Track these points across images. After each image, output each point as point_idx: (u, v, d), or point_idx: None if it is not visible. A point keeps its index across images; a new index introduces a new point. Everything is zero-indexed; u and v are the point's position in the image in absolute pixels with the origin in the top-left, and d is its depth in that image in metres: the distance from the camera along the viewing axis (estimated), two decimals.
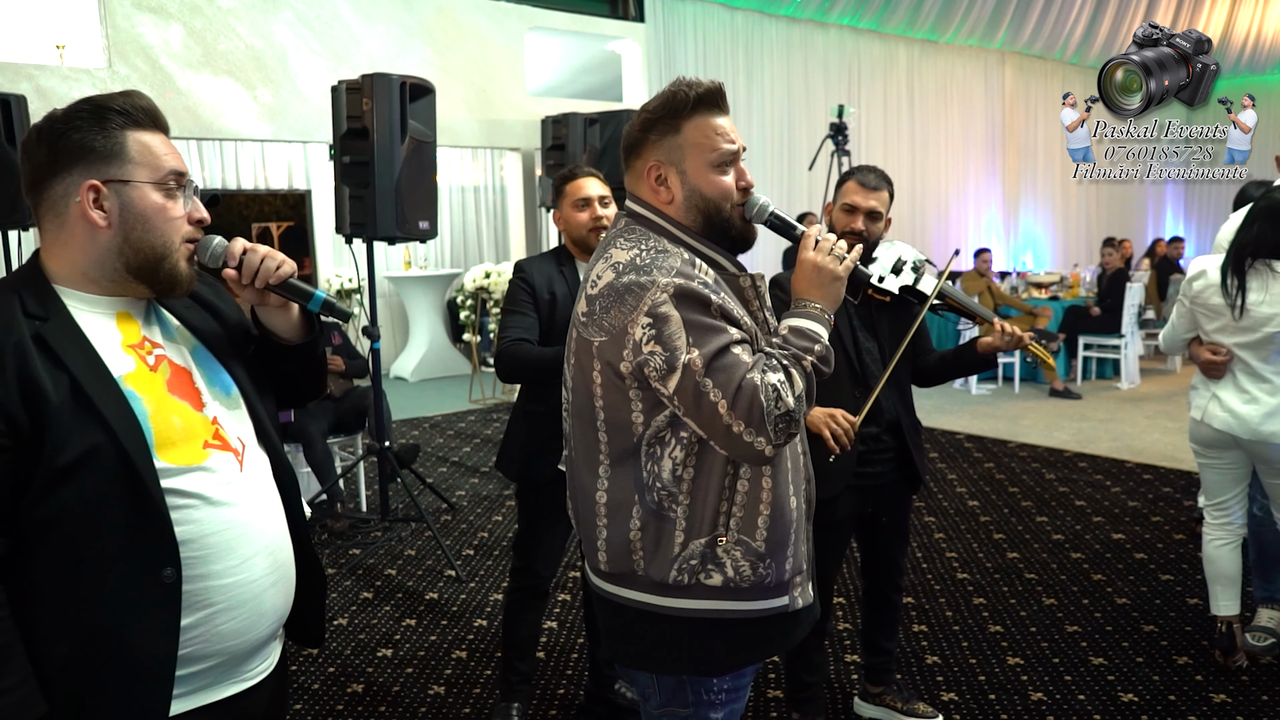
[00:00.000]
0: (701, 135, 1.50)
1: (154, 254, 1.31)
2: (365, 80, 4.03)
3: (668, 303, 1.39)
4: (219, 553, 1.31)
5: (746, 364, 1.39)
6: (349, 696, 3.01)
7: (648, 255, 1.45)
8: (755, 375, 1.38)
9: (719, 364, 1.38)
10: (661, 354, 1.38)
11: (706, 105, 1.51)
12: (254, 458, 1.40)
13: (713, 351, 1.38)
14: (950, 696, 2.90)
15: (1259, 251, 2.74)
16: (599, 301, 1.45)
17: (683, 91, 1.50)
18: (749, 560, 1.48)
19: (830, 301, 1.53)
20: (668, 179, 1.51)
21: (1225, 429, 2.81)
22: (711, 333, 1.40)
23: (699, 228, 1.53)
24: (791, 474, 1.54)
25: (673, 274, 1.41)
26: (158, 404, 1.29)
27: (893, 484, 2.54)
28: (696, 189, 1.51)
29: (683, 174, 1.51)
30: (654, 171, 1.52)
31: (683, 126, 1.50)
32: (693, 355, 1.37)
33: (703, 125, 1.50)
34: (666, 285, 1.40)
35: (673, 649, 1.54)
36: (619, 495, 1.50)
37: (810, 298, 1.52)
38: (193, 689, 1.31)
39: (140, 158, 1.30)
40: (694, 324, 1.39)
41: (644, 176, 1.53)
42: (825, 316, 1.51)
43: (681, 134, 1.50)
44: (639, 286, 1.41)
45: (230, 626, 1.32)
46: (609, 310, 1.43)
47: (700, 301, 1.41)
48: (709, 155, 1.50)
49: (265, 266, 1.37)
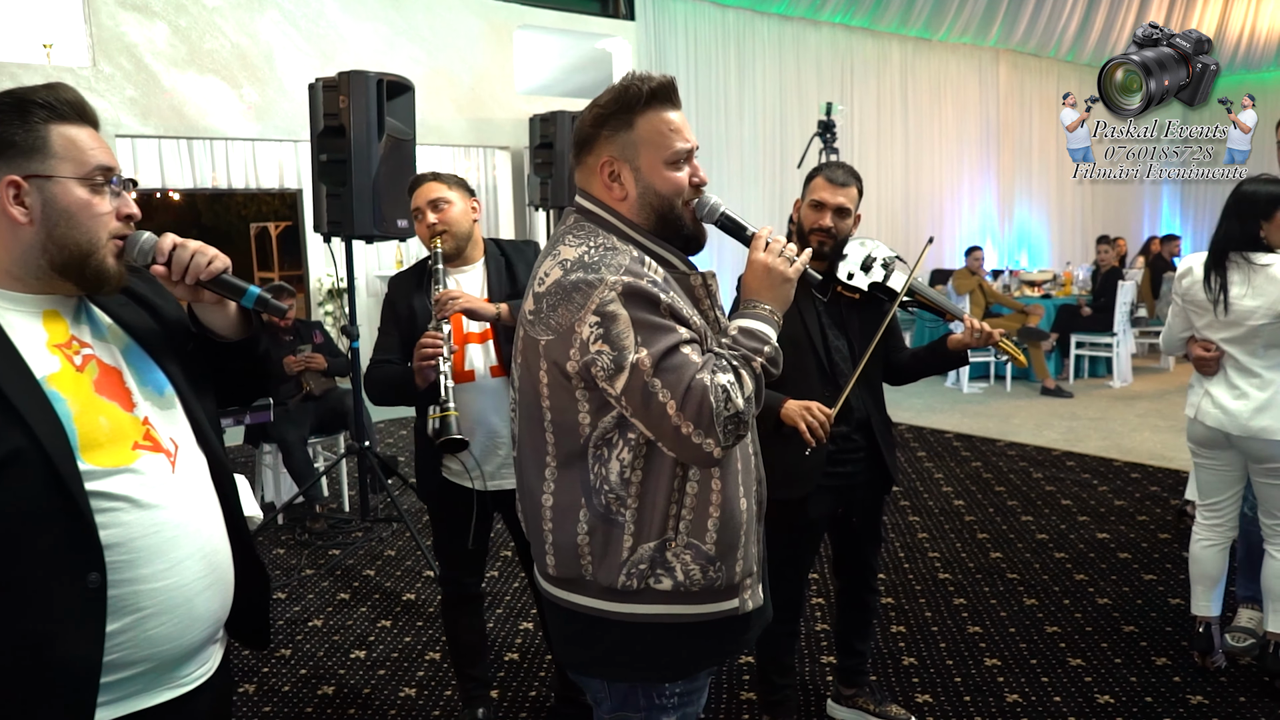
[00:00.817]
0: (655, 131, 1.47)
1: (79, 250, 1.28)
2: (342, 78, 4.00)
3: (616, 301, 1.36)
4: (148, 556, 1.28)
5: (696, 364, 1.36)
6: (319, 699, 2.98)
7: (596, 253, 1.42)
8: (705, 376, 1.35)
9: (668, 364, 1.35)
10: (609, 353, 1.36)
11: (660, 100, 1.48)
12: (188, 459, 1.37)
13: (661, 351, 1.36)
14: (925, 698, 2.87)
15: (1231, 245, 2.72)
16: (546, 300, 1.42)
17: (635, 86, 1.46)
18: (699, 564, 1.46)
19: (779, 303, 1.50)
20: (621, 175, 1.48)
21: (1217, 425, 2.79)
22: (660, 332, 1.37)
23: (651, 225, 1.50)
24: (742, 475, 1.52)
25: (621, 272, 1.38)
26: (83, 405, 1.26)
27: (864, 484, 2.51)
28: (650, 185, 1.48)
29: (636, 170, 1.48)
30: (607, 168, 1.48)
31: (636, 122, 1.47)
32: (641, 355, 1.35)
33: (656, 121, 1.47)
34: (615, 283, 1.37)
35: (624, 655, 1.52)
36: (566, 498, 1.48)
37: (760, 299, 1.50)
38: (121, 695, 1.28)
39: (64, 152, 1.27)
40: (642, 323, 1.36)
41: (596, 172, 1.50)
42: (775, 318, 1.49)
43: (635, 129, 1.47)
44: (587, 284, 1.38)
45: (161, 631, 1.29)
46: (556, 308, 1.40)
47: (649, 300, 1.38)
48: (663, 151, 1.47)
49: (195, 262, 1.34)
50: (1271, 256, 2.68)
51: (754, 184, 9.46)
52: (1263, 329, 2.68)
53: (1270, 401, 2.69)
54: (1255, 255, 2.70)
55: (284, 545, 4.40)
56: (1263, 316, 2.67)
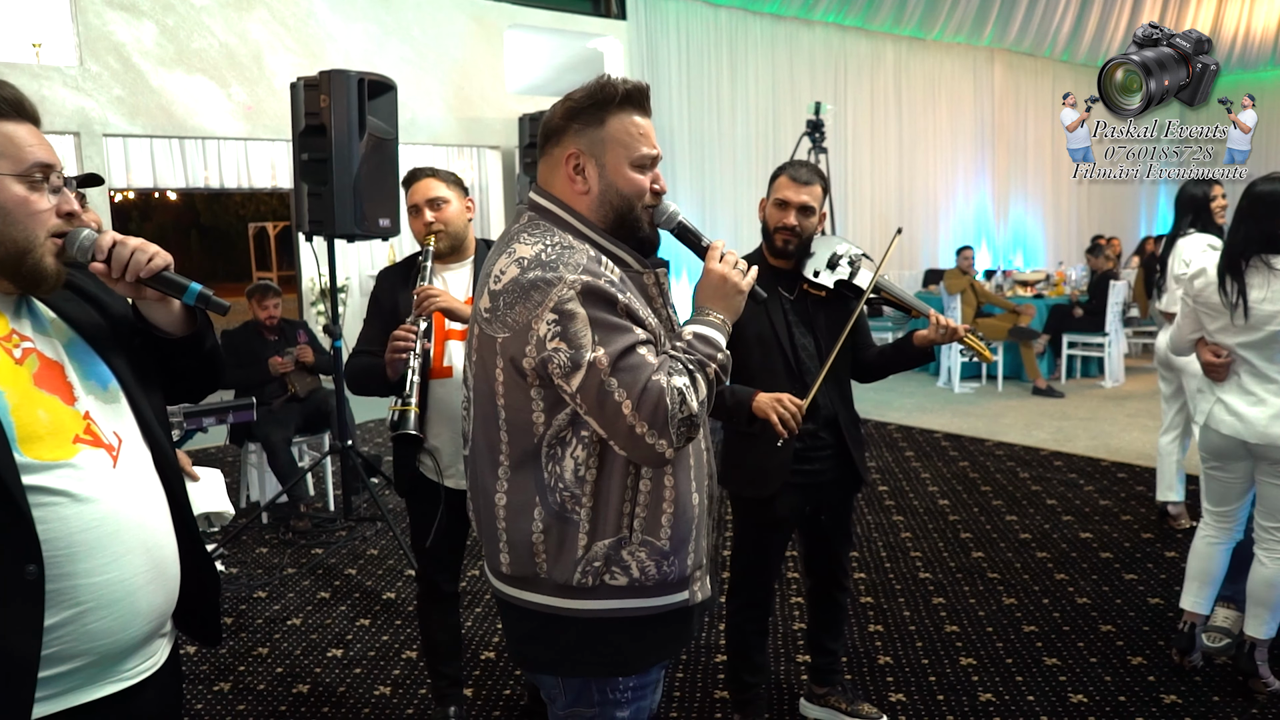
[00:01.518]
0: (625, 132, 1.49)
1: (15, 248, 1.28)
2: (323, 76, 4.00)
3: (574, 299, 1.37)
4: (87, 551, 1.27)
5: (652, 365, 1.38)
6: (294, 697, 2.98)
7: (554, 251, 1.42)
8: (661, 377, 1.36)
9: (624, 364, 1.36)
10: (566, 351, 1.37)
11: (633, 103, 1.50)
12: (132, 453, 1.37)
13: (619, 351, 1.36)
14: (898, 697, 2.87)
15: (1249, 249, 2.63)
16: (503, 297, 1.42)
17: (611, 85, 1.49)
18: (654, 560, 1.47)
19: (732, 313, 1.53)
20: (586, 170, 1.49)
21: (1233, 434, 2.70)
22: (617, 332, 1.38)
23: (608, 224, 1.51)
24: (694, 470, 1.53)
25: (580, 270, 1.39)
26: (21, 397, 1.26)
27: (833, 482, 2.51)
28: (613, 184, 1.49)
29: (601, 167, 1.49)
30: (573, 160, 1.49)
31: (607, 120, 1.49)
32: (598, 354, 1.36)
33: (627, 122, 1.49)
34: (574, 282, 1.38)
35: (578, 652, 1.53)
36: (520, 497, 1.48)
37: (713, 308, 1.52)
38: (61, 690, 1.28)
39: (1, 149, 1.27)
40: (600, 322, 1.37)
41: (561, 164, 1.51)
42: (726, 327, 1.51)
43: (605, 127, 1.49)
44: (545, 283, 1.38)
45: (101, 626, 1.29)
46: (513, 306, 1.41)
47: (607, 300, 1.39)
48: (630, 152, 1.49)
49: (135, 260, 1.34)
50: None
51: (746, 184, 9.45)
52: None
53: None
54: (1275, 259, 2.60)
55: (267, 544, 4.39)
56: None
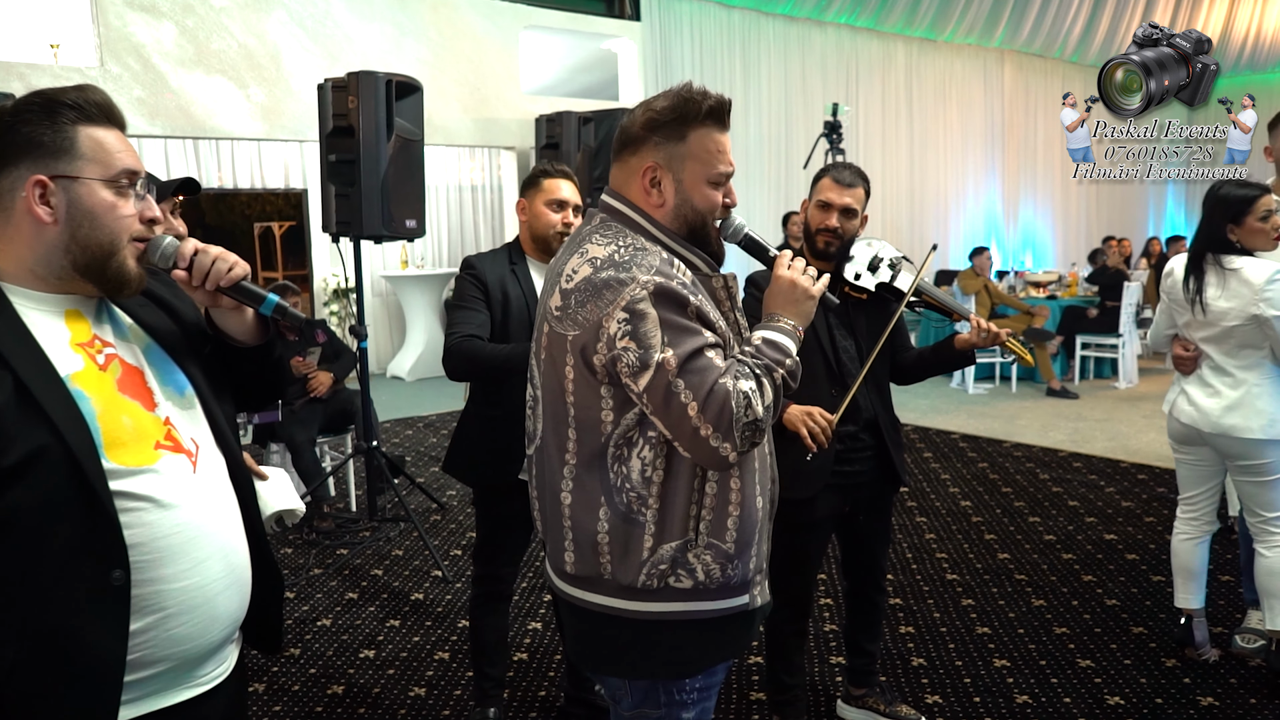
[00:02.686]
0: (704, 149, 1.50)
1: (101, 252, 1.29)
2: (351, 78, 4.01)
3: (646, 300, 1.38)
4: (170, 556, 1.28)
5: (720, 368, 1.38)
6: (329, 698, 2.99)
7: (626, 252, 1.44)
8: (728, 381, 1.37)
9: (692, 365, 1.37)
10: (636, 350, 1.37)
11: (715, 119, 1.51)
12: (208, 460, 1.38)
13: (687, 353, 1.37)
14: (935, 699, 2.88)
15: (1207, 247, 2.80)
16: (575, 296, 1.43)
17: (696, 100, 1.48)
18: (719, 563, 1.48)
19: (802, 319, 1.53)
20: (662, 183, 1.50)
21: (1190, 423, 2.87)
22: (687, 334, 1.39)
23: (681, 235, 1.52)
24: (758, 474, 1.53)
25: (652, 272, 1.40)
26: (107, 403, 1.27)
27: (872, 483, 2.51)
28: (689, 199, 1.50)
29: (679, 182, 1.50)
30: (650, 173, 1.50)
31: (689, 135, 1.49)
32: (667, 355, 1.36)
33: (707, 139, 1.50)
34: (646, 283, 1.39)
35: (644, 653, 1.53)
36: (586, 497, 1.49)
37: (784, 313, 1.52)
38: (143, 694, 1.29)
39: (91, 154, 1.28)
40: (670, 324, 1.38)
41: (638, 175, 1.51)
42: (797, 333, 1.51)
43: (686, 142, 1.49)
44: (618, 282, 1.40)
45: (182, 631, 1.30)
46: (585, 304, 1.42)
47: (678, 302, 1.40)
48: (709, 170, 1.50)
49: (216, 269, 1.35)
50: (1242, 260, 2.74)
51: (759, 185, 9.46)
52: (1236, 330, 2.75)
53: (1241, 400, 2.76)
54: (1226, 258, 2.76)
55: (292, 545, 4.40)
56: (1235, 318, 2.74)
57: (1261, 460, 2.77)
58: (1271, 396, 2.74)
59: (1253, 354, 2.76)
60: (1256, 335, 2.72)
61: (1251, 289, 2.69)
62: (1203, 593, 3.06)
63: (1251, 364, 2.76)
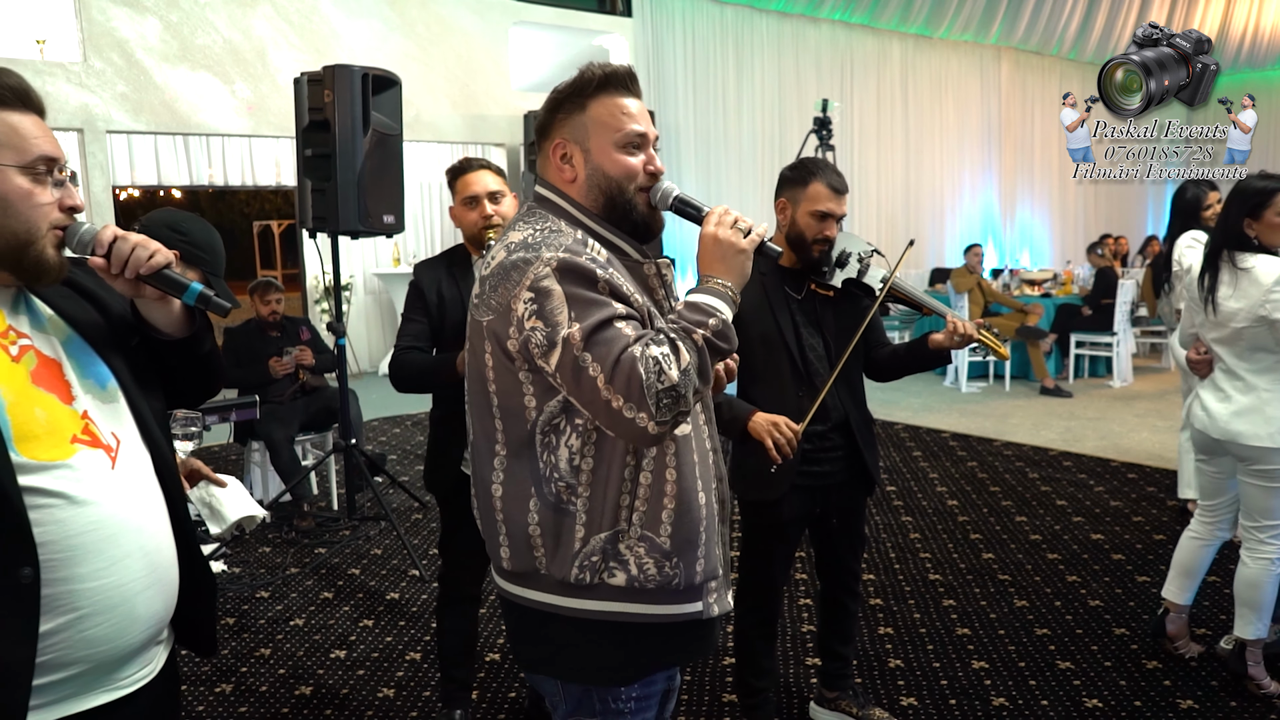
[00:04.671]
0: (607, 114, 1.47)
1: (17, 240, 1.25)
2: (326, 72, 3.96)
3: (550, 277, 1.35)
4: (84, 554, 1.23)
5: (628, 337, 1.32)
6: (296, 699, 2.94)
7: (540, 234, 1.41)
8: (636, 349, 1.31)
9: (598, 337, 1.32)
10: (543, 329, 1.34)
11: (614, 85, 1.48)
12: (130, 455, 1.33)
13: (593, 325, 1.32)
14: (910, 701, 2.83)
15: (1224, 243, 2.70)
16: (489, 281, 1.41)
17: (590, 71, 1.48)
18: (653, 558, 1.42)
19: (736, 276, 1.44)
20: (572, 157, 1.48)
21: (1203, 428, 2.79)
22: (594, 306, 1.34)
23: (601, 210, 1.48)
24: (699, 468, 1.47)
25: (560, 249, 1.37)
26: (18, 395, 1.22)
27: (842, 484, 2.46)
28: (599, 167, 1.47)
29: (586, 152, 1.47)
30: (559, 149, 1.49)
31: (588, 105, 1.47)
32: (573, 330, 1.32)
33: (609, 104, 1.48)
34: (550, 259, 1.35)
35: (576, 654, 1.48)
36: (516, 488, 1.44)
37: (713, 273, 1.44)
38: (57, 698, 1.24)
39: (5, 139, 1.23)
40: (576, 298, 1.34)
41: (550, 155, 1.50)
42: (728, 292, 1.42)
43: (587, 112, 1.47)
44: (524, 262, 1.37)
45: (98, 632, 1.25)
46: (497, 288, 1.39)
47: (585, 276, 1.35)
48: (614, 134, 1.47)
49: (136, 256, 1.30)
50: (1255, 258, 2.63)
51: (752, 181, 9.41)
52: (1245, 331, 2.64)
53: (1250, 406, 2.66)
54: (1241, 256, 2.66)
55: (270, 544, 4.36)
56: (1244, 319, 2.63)
57: (1271, 467, 2.66)
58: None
59: (1265, 358, 2.65)
60: (1267, 338, 2.61)
61: (1260, 289, 2.58)
62: (1193, 593, 3.02)
63: (1264, 368, 2.65)
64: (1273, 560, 2.73)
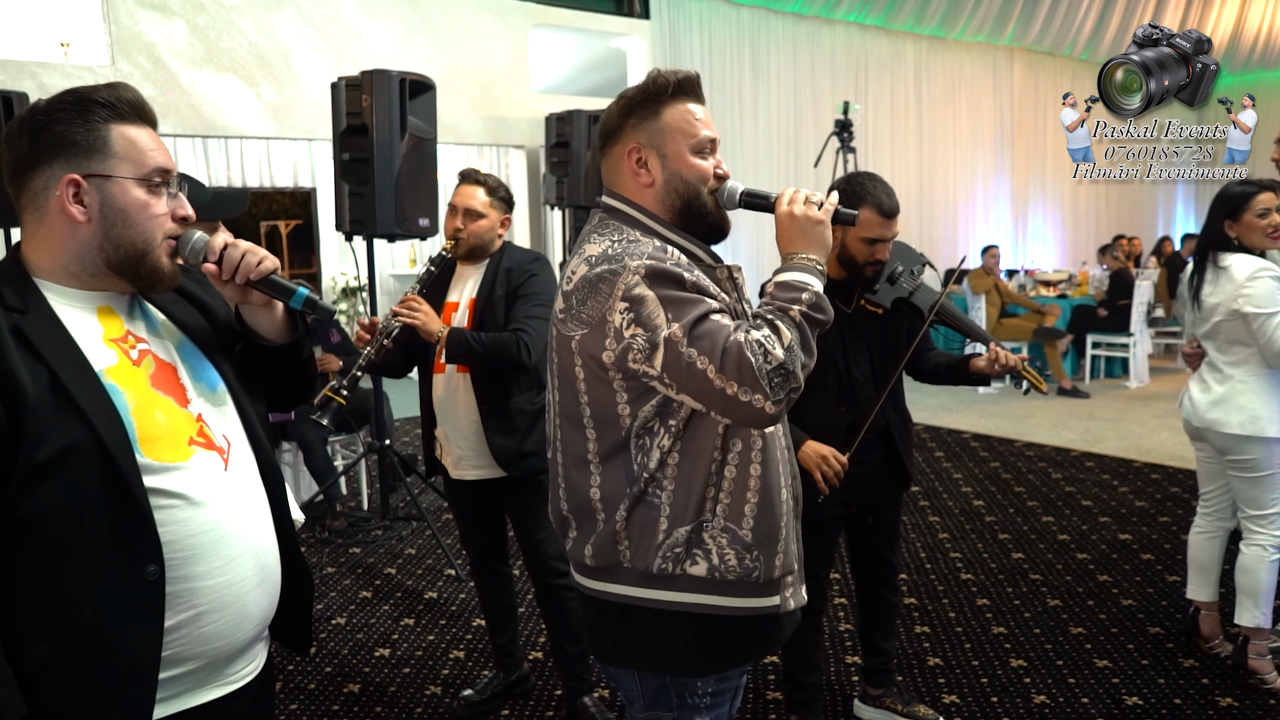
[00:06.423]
0: (681, 119, 1.52)
1: (134, 250, 1.29)
2: (365, 76, 4.01)
3: (641, 284, 1.38)
4: (203, 553, 1.28)
5: (728, 327, 1.36)
6: (345, 696, 2.99)
7: (620, 245, 1.44)
8: (739, 335, 1.35)
9: (699, 331, 1.36)
10: (643, 334, 1.37)
11: (685, 92, 1.53)
12: (240, 457, 1.37)
13: (692, 321, 1.36)
14: (952, 699, 2.87)
15: (1209, 244, 2.87)
16: (574, 295, 1.44)
17: (663, 78, 1.52)
18: (735, 549, 1.46)
19: (818, 247, 1.47)
20: (648, 162, 1.51)
21: (1187, 417, 2.96)
22: (688, 304, 1.38)
23: (675, 216, 1.52)
24: (780, 465, 1.52)
25: (644, 257, 1.40)
26: (140, 399, 1.27)
27: (879, 482, 2.51)
28: (677, 172, 1.51)
29: (663, 157, 1.51)
30: (635, 154, 1.52)
31: (662, 111, 1.51)
32: (673, 329, 1.36)
33: (682, 110, 1.52)
34: (638, 267, 1.39)
35: (655, 645, 1.52)
36: (611, 490, 1.49)
37: (796, 249, 1.47)
38: (176, 692, 1.29)
39: (124, 152, 1.28)
40: (670, 299, 1.38)
41: (624, 160, 1.53)
42: (815, 264, 1.45)
43: (661, 118, 1.51)
44: (611, 274, 1.40)
45: (214, 629, 1.30)
46: (585, 302, 1.42)
47: (674, 279, 1.40)
48: (689, 139, 1.51)
49: (246, 262, 1.35)
50: (1233, 257, 2.79)
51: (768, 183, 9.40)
52: (1223, 325, 2.81)
53: (1226, 396, 2.82)
54: (1222, 256, 2.83)
55: (304, 544, 4.41)
56: (1221, 314, 2.80)
57: (1245, 456, 2.81)
58: (1255, 393, 2.77)
59: (1241, 350, 2.80)
60: (1243, 331, 2.76)
61: (1235, 285, 2.75)
62: (1214, 587, 3.09)
63: (1239, 360, 2.81)
64: (1265, 547, 2.84)
